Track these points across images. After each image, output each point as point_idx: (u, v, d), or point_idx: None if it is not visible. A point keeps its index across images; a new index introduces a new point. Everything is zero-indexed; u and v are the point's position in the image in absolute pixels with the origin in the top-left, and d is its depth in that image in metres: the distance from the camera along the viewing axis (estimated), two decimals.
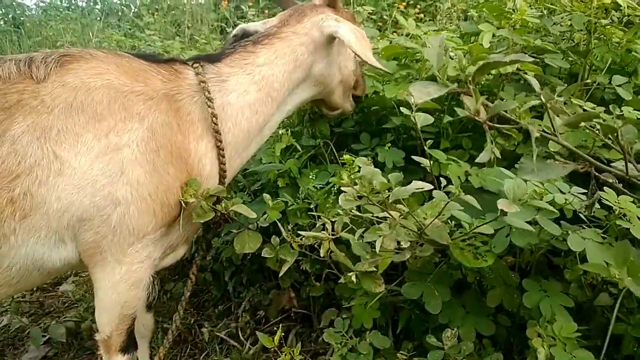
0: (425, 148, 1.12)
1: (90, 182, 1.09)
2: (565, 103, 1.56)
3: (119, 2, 9.05)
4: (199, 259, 1.44)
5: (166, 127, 1.20)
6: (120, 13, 8.58)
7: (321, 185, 1.38)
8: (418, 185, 0.88)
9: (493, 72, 1.34)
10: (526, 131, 1.53)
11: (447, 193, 1.11)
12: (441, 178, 1.14)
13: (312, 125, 1.57)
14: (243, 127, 1.34)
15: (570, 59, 1.64)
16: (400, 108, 1.23)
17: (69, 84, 1.11)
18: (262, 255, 1.33)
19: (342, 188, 0.99)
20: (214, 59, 1.36)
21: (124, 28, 6.56)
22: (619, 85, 1.48)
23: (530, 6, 1.81)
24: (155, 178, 1.16)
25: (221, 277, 1.89)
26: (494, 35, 1.48)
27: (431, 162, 1.13)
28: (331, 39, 1.42)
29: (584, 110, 1.36)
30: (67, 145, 1.08)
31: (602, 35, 1.52)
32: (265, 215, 1.37)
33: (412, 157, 1.16)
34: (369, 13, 4.58)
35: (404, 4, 5.26)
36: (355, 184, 0.90)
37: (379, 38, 1.91)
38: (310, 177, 1.35)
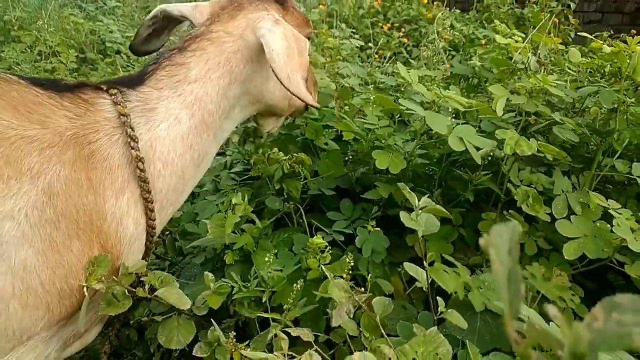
0: (425, 264, 0.84)
1: None
2: (574, 189, 1.34)
3: None
4: (107, 348, 1.11)
5: (71, 185, 0.85)
6: None
7: (280, 268, 1.08)
8: None
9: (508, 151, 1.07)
10: (531, 222, 1.30)
11: (441, 320, 0.85)
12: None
13: (282, 184, 1.25)
14: (176, 167, 1.02)
15: (580, 131, 1.42)
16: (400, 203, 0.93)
17: None
18: (193, 354, 1.02)
19: None
20: (135, 81, 1.02)
21: (87, 9, 6.01)
22: None
23: (544, 68, 1.60)
24: (52, 260, 0.81)
25: (149, 342, 1.54)
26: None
27: (427, 274, 0.85)
28: None
29: (604, 207, 1.13)
30: None
31: (627, 115, 1.30)
32: (204, 301, 1.05)
33: (405, 265, 0.88)
34: (352, 31, 4.35)
35: (388, 25, 5.06)
36: None
37: (365, 78, 1.63)
38: (267, 258, 1.04)
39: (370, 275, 1.05)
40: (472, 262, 1.29)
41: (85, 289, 0.86)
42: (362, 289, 0.95)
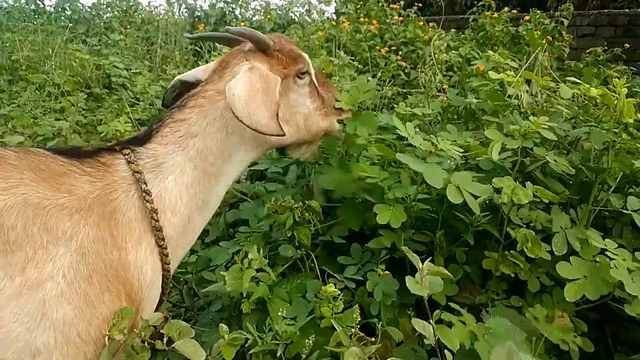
0: (432, 322, 0.89)
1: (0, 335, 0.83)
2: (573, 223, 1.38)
3: (89, 10, 8.63)
4: None
5: (99, 243, 0.94)
6: (90, 21, 8.16)
7: (294, 316, 1.13)
8: None
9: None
10: (532, 259, 1.35)
11: None
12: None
13: (293, 231, 1.32)
14: (183, 214, 1.12)
15: (576, 166, 1.46)
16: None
17: None
18: None
19: None
20: (144, 139, 1.14)
21: (91, 43, 6.16)
22: (635, 211, 1.31)
23: (536, 105, 1.66)
24: (88, 313, 0.90)
25: None
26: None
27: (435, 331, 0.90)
28: None
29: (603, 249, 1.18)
30: None
31: (618, 152, 1.35)
32: (218, 352, 1.10)
33: (412, 321, 0.93)
34: (350, 58, 4.45)
35: (386, 48, 5.16)
36: None
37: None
38: (280, 312, 1.09)
39: (380, 322, 1.10)
40: (478, 301, 1.33)
41: (106, 338, 0.92)
42: (373, 338, 1.00)
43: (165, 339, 1.03)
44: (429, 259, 0.98)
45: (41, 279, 0.86)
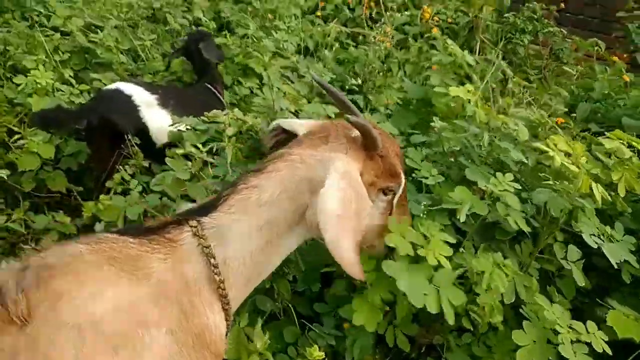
0: None
1: None
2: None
3: None
4: None
5: (182, 317, 1.01)
6: None
7: None
8: None
9: None
10: None
11: None
12: None
13: (273, 283, 1.36)
14: (244, 276, 1.15)
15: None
16: None
17: (68, 323, 0.88)
18: None
19: None
20: (209, 208, 1.12)
21: None
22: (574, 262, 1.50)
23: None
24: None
25: None
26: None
27: None
28: None
29: None
30: None
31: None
32: None
33: None
34: None
35: None
36: None
37: None
38: None
39: None
40: (436, 341, 1.51)
41: None
42: None
43: None
44: None
45: None
